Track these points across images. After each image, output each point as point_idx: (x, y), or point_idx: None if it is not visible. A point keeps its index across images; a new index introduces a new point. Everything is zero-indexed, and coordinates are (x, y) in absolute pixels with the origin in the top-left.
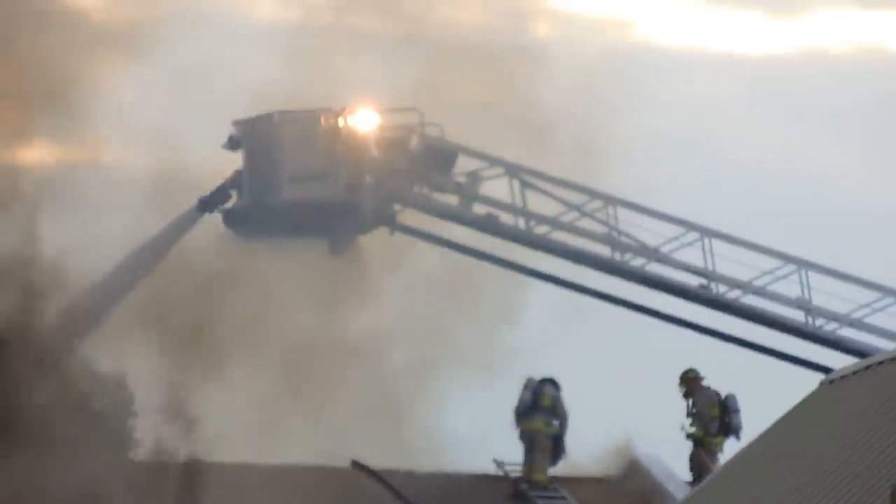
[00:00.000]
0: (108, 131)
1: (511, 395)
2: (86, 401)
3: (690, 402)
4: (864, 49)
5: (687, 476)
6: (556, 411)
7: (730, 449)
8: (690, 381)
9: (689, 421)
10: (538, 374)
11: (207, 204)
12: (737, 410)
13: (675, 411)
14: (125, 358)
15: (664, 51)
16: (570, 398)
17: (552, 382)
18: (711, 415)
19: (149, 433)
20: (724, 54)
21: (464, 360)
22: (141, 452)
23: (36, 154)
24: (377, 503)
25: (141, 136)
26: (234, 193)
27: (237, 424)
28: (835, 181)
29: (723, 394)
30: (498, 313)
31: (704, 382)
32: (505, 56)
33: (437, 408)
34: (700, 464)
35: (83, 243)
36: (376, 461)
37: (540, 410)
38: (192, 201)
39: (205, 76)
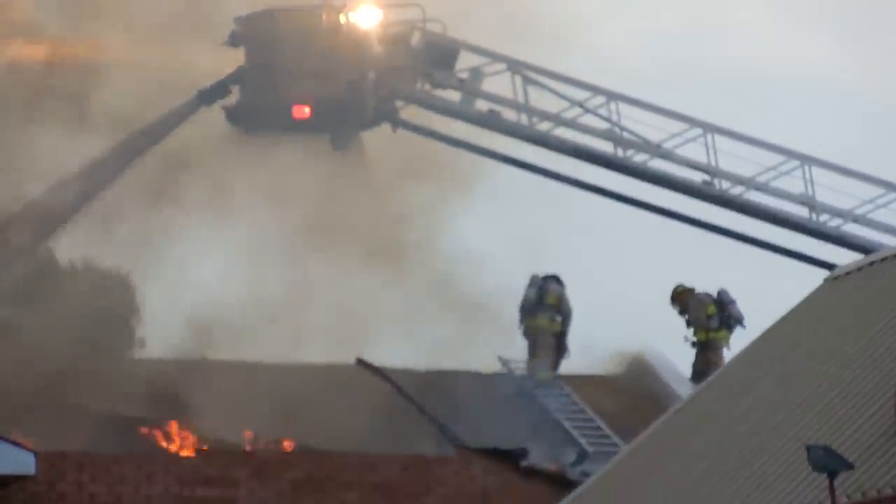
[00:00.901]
0: (111, 30)
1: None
2: (89, 299)
3: (687, 315)
4: None
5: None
6: (561, 308)
7: (739, 342)
8: (681, 296)
9: (690, 331)
10: (542, 272)
11: (206, 96)
12: (732, 301)
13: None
14: (131, 252)
15: None
16: (575, 296)
17: (556, 279)
18: (707, 314)
19: (154, 331)
20: None
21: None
22: (146, 351)
23: (39, 51)
24: (381, 401)
25: (144, 33)
26: (233, 89)
27: (242, 321)
28: (839, 75)
29: (713, 292)
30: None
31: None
32: None
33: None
34: (704, 368)
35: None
36: (379, 358)
37: (544, 308)
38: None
39: None
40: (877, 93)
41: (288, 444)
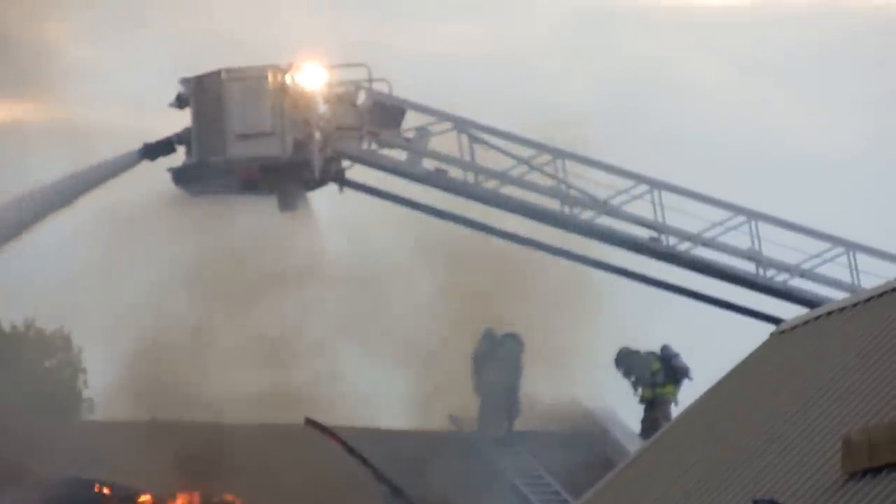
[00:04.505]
0: (60, 89)
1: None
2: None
3: (633, 376)
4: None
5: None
6: (511, 366)
7: (686, 395)
8: (625, 358)
9: (638, 390)
10: (501, 329)
11: (150, 150)
12: (675, 355)
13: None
14: (74, 314)
15: (622, 2)
16: (525, 353)
17: (513, 337)
18: (652, 370)
19: (99, 392)
20: (680, 4)
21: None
22: (91, 411)
23: None
24: (331, 460)
25: (90, 94)
26: (179, 148)
27: (192, 381)
28: (785, 132)
29: (654, 349)
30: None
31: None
32: (458, 10)
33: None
34: (652, 424)
35: None
36: (327, 418)
37: (495, 363)
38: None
39: (152, 32)
40: (829, 150)
41: None
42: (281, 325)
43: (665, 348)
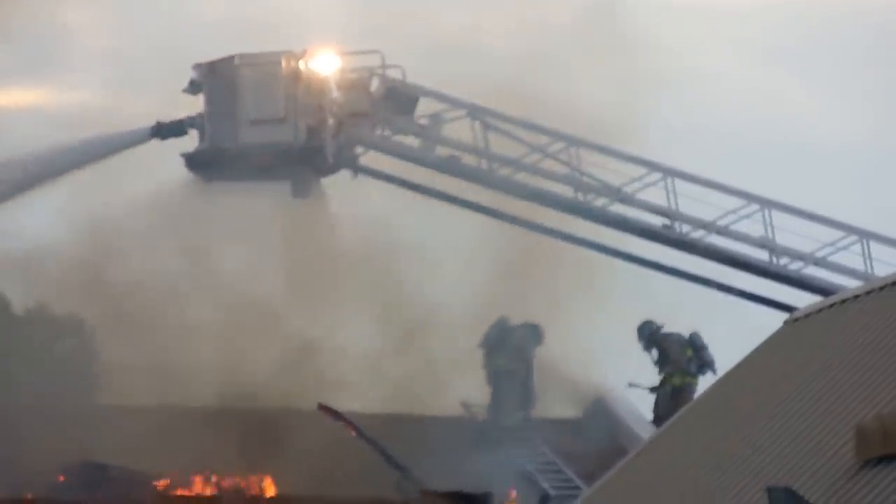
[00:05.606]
0: (70, 73)
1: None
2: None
3: (654, 352)
4: None
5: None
6: (523, 355)
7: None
8: (655, 336)
9: (657, 371)
10: (519, 318)
11: (162, 130)
12: (704, 347)
13: (640, 351)
14: (86, 301)
15: None
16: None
17: (529, 327)
18: (687, 356)
19: (111, 376)
20: None
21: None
22: (104, 395)
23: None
24: (343, 445)
25: (102, 78)
26: (192, 131)
27: (203, 367)
28: (799, 119)
29: (684, 334)
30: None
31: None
32: None
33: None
34: (672, 412)
35: None
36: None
37: (505, 350)
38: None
39: (165, 17)
40: (843, 138)
41: (251, 489)
42: (294, 308)
43: (695, 336)
